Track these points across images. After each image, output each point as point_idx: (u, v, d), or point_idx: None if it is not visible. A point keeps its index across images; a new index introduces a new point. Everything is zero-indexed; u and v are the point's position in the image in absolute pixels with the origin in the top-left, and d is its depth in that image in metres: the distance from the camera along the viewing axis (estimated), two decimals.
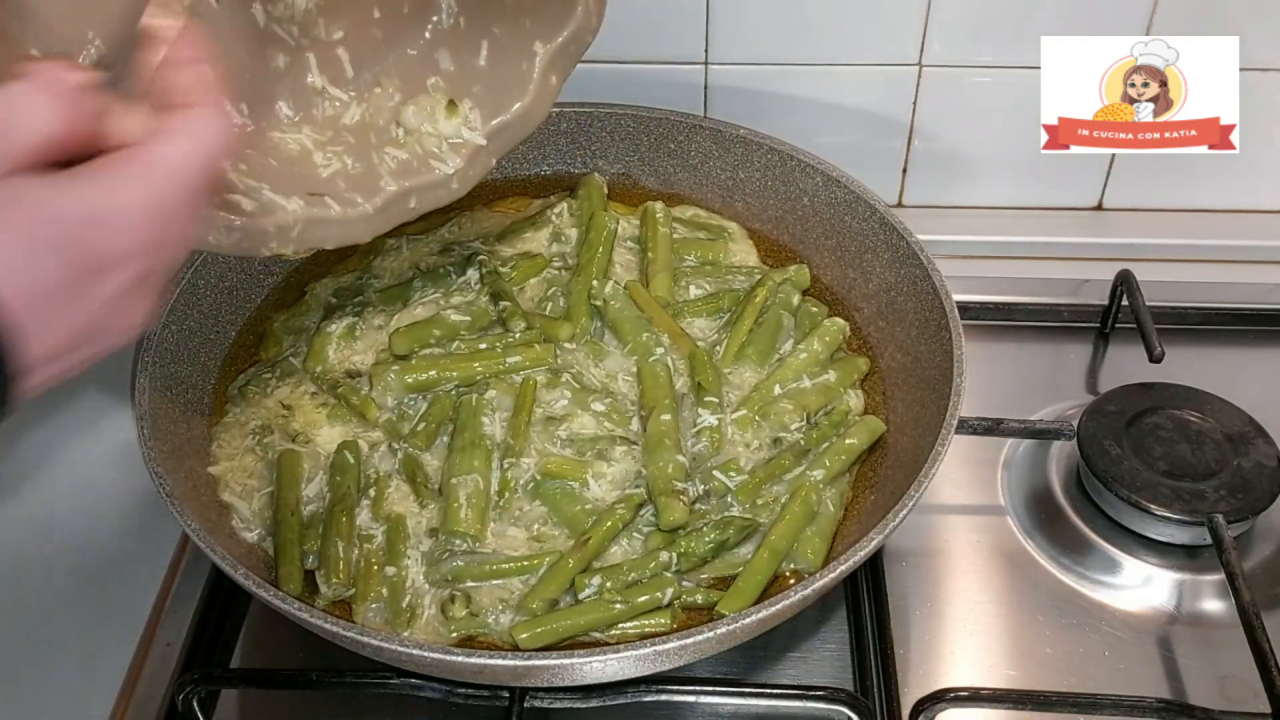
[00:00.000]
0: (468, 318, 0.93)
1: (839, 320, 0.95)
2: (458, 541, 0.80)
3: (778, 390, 0.89)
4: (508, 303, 0.94)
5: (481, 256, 0.99)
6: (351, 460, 0.84)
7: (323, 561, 0.79)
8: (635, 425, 0.87)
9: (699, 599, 0.78)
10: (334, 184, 0.80)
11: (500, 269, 0.98)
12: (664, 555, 0.79)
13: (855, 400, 0.91)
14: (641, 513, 0.82)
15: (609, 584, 0.77)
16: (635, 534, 0.81)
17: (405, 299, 0.96)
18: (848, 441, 0.86)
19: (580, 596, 0.77)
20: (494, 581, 0.79)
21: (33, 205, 0.49)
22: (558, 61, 0.84)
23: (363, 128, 0.84)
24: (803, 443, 0.86)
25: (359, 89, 0.85)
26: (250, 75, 0.79)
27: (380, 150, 0.84)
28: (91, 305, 0.51)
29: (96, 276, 0.51)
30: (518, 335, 0.92)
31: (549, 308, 0.96)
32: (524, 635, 0.75)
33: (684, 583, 0.79)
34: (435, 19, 0.85)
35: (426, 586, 0.79)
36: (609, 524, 0.80)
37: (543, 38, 0.83)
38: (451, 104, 0.85)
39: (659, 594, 0.77)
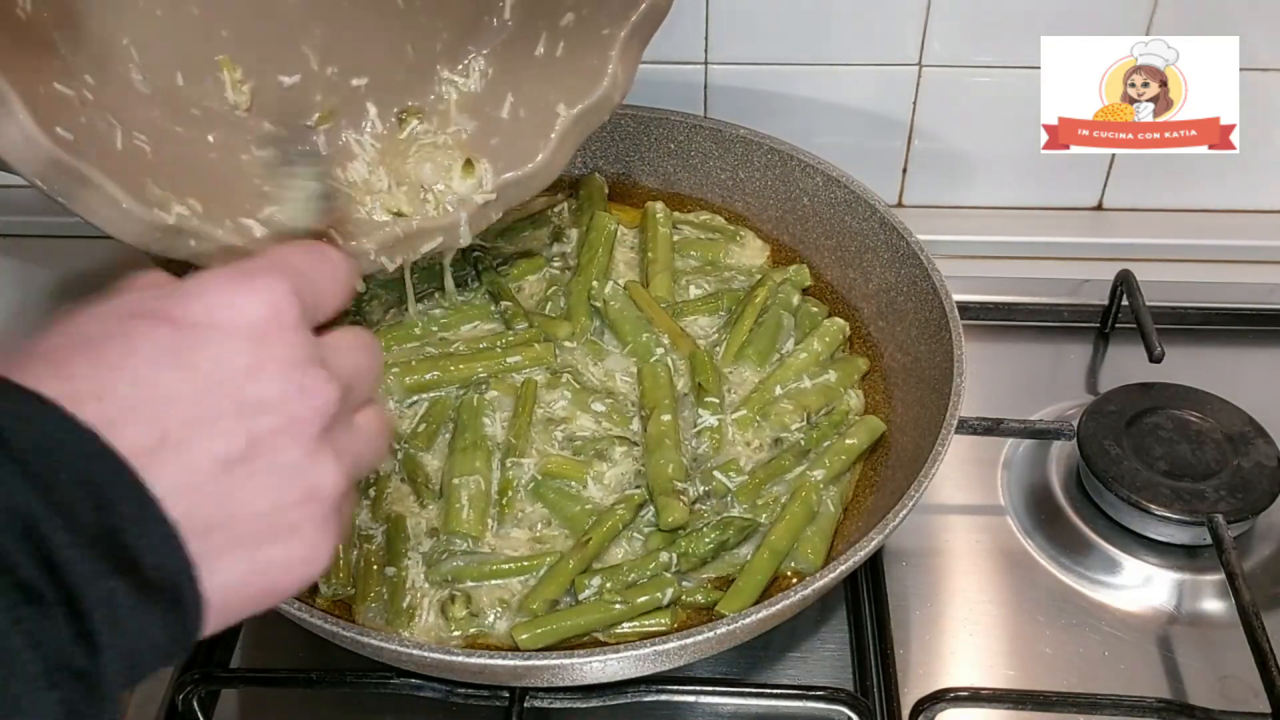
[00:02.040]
0: (446, 318, 0.93)
1: (839, 320, 0.95)
2: (458, 541, 0.80)
3: (778, 390, 0.89)
4: (508, 302, 0.94)
5: (478, 253, 0.99)
6: None
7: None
8: (635, 425, 0.87)
9: (699, 599, 0.78)
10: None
11: (499, 267, 0.98)
12: (664, 556, 0.79)
13: (855, 400, 0.91)
14: (641, 513, 0.82)
15: (609, 584, 0.77)
16: (635, 534, 0.81)
17: (403, 297, 0.96)
18: (848, 441, 0.86)
19: (580, 597, 0.77)
20: (494, 582, 0.79)
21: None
22: (577, 126, 0.84)
23: (374, 178, 0.85)
24: (803, 443, 0.86)
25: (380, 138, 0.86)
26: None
27: (391, 196, 0.85)
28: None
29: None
30: (516, 334, 0.92)
31: (549, 307, 0.96)
32: (524, 636, 0.75)
33: (684, 583, 0.79)
34: (465, 63, 0.87)
35: (426, 586, 0.79)
36: (609, 524, 0.80)
37: (567, 101, 0.83)
38: (468, 164, 0.86)
39: (659, 594, 0.77)
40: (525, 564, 0.79)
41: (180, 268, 0.65)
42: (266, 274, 0.45)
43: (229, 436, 0.41)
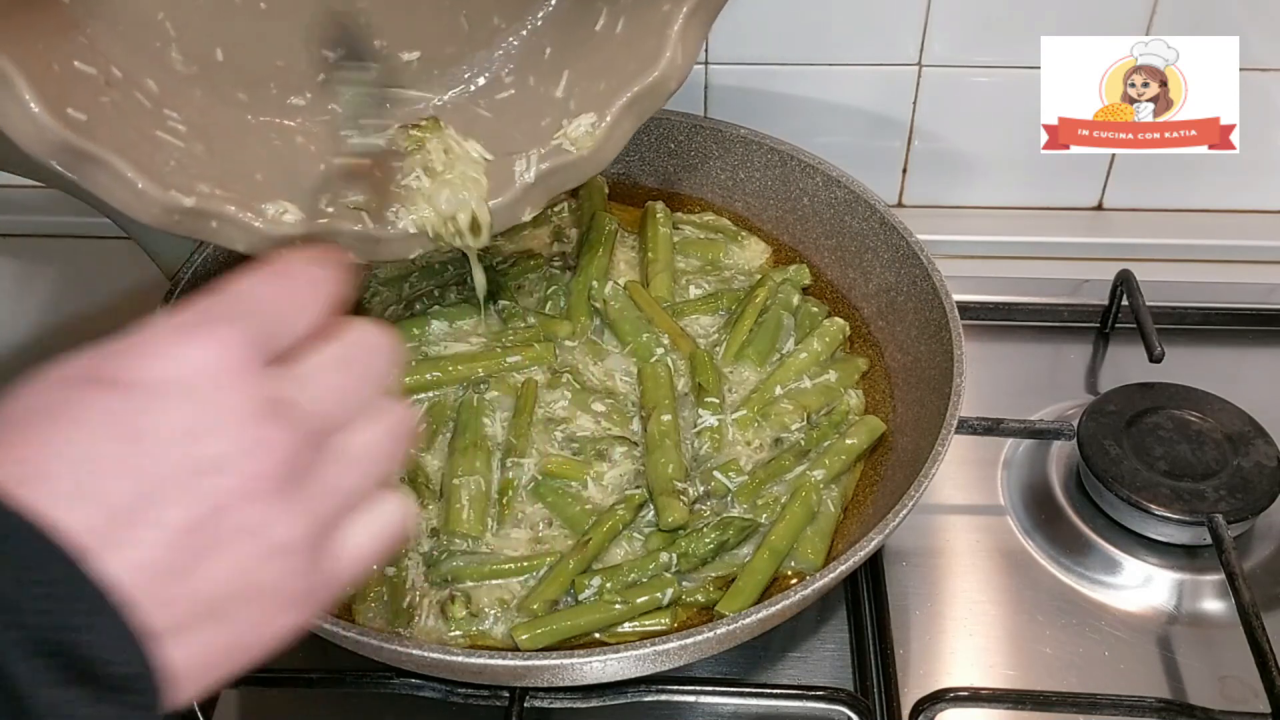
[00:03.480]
0: (445, 321, 0.93)
1: (839, 320, 0.95)
2: (458, 541, 0.80)
3: (778, 390, 0.89)
4: (507, 302, 0.94)
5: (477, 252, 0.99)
6: None
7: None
8: (635, 426, 0.87)
9: (699, 599, 0.78)
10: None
11: (499, 265, 0.98)
12: (664, 556, 0.79)
13: (855, 400, 0.91)
14: (641, 513, 0.82)
15: (609, 585, 0.77)
16: (635, 535, 0.81)
17: (406, 298, 0.96)
18: (847, 441, 0.86)
19: (580, 597, 0.77)
20: (493, 582, 0.79)
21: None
22: (631, 111, 0.79)
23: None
24: (803, 443, 0.86)
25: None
26: None
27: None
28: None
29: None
30: (515, 334, 0.92)
31: (549, 306, 0.96)
32: (524, 636, 0.75)
33: (684, 583, 0.79)
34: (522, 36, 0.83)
35: (426, 586, 0.79)
36: (609, 525, 0.80)
37: (622, 84, 0.79)
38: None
39: (659, 594, 0.77)
40: (525, 564, 0.79)
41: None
42: (215, 321, 0.42)
43: (182, 505, 0.39)
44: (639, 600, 0.77)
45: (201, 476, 0.40)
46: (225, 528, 0.40)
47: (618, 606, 0.76)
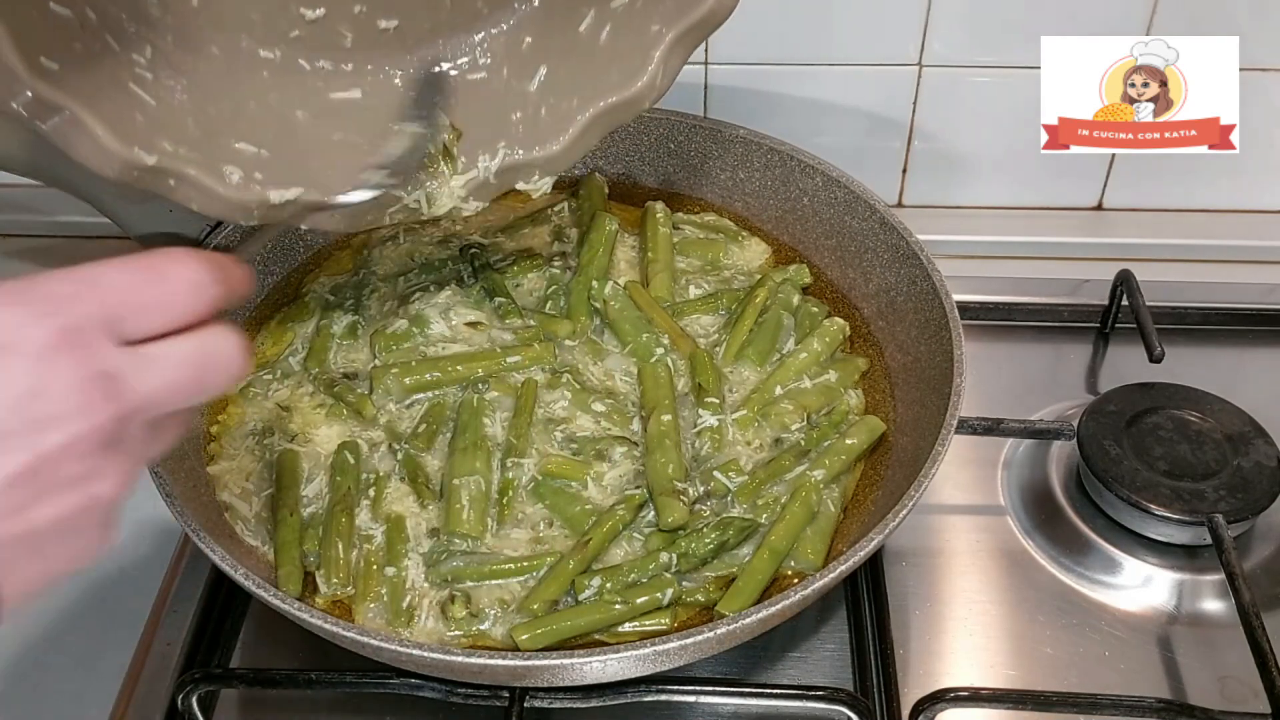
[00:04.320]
0: (447, 322, 0.93)
1: (838, 320, 0.95)
2: (458, 541, 0.80)
3: (778, 390, 0.89)
4: (503, 298, 0.94)
5: (475, 250, 0.99)
6: (351, 460, 0.84)
7: (323, 562, 0.79)
8: (636, 426, 0.87)
9: (699, 599, 0.78)
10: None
11: (497, 263, 0.98)
12: (664, 556, 0.79)
13: (856, 400, 0.91)
14: (641, 514, 0.82)
15: (609, 585, 0.77)
16: (635, 535, 0.81)
17: (401, 293, 0.96)
18: (847, 441, 0.86)
19: (580, 598, 0.77)
20: (493, 582, 0.79)
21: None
22: (601, 120, 0.80)
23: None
24: (803, 443, 0.86)
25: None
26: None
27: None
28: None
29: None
30: (515, 333, 0.92)
31: (549, 305, 0.96)
32: (524, 636, 0.75)
33: (684, 583, 0.79)
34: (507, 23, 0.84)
35: (426, 587, 0.79)
36: (609, 525, 0.80)
37: (598, 92, 0.80)
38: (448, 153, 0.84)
39: (659, 594, 0.77)
40: (525, 564, 0.79)
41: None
42: (66, 297, 0.48)
43: (14, 454, 0.45)
44: (639, 600, 0.76)
45: (33, 431, 0.45)
46: (52, 478, 0.46)
47: (618, 607, 0.76)
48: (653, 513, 0.82)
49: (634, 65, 0.78)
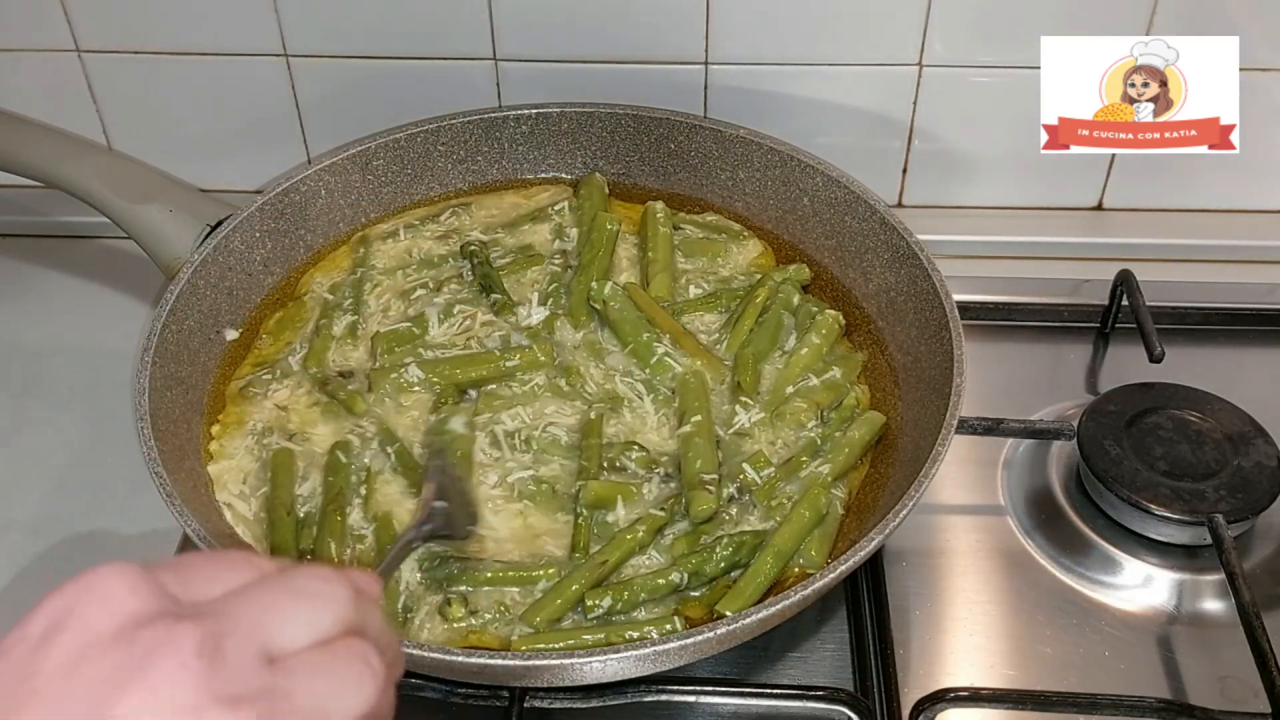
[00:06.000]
0: (447, 322, 0.94)
1: (830, 312, 0.95)
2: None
3: (789, 390, 0.90)
4: (499, 295, 0.95)
5: (474, 247, 0.99)
6: (344, 460, 0.84)
7: (318, 561, 0.79)
8: (656, 437, 0.87)
9: (699, 597, 0.78)
10: None
11: (496, 260, 0.98)
12: (675, 575, 0.78)
13: (861, 395, 0.91)
14: (659, 538, 0.81)
15: (618, 605, 0.76)
16: (653, 553, 0.81)
17: (400, 290, 0.96)
18: (851, 435, 0.86)
19: (590, 617, 0.76)
20: (489, 588, 0.78)
21: None
22: None
23: None
24: (818, 440, 0.86)
25: None
26: None
27: None
28: None
29: None
30: (512, 336, 0.93)
31: (550, 304, 0.96)
32: (526, 650, 0.74)
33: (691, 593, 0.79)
34: None
35: (422, 590, 0.78)
36: (625, 547, 0.79)
37: None
38: None
39: (666, 627, 0.76)
40: (524, 575, 0.78)
41: None
42: (196, 617, 0.42)
43: None
44: (646, 629, 0.76)
45: None
46: None
47: (626, 634, 0.75)
48: (671, 535, 0.81)
49: None
